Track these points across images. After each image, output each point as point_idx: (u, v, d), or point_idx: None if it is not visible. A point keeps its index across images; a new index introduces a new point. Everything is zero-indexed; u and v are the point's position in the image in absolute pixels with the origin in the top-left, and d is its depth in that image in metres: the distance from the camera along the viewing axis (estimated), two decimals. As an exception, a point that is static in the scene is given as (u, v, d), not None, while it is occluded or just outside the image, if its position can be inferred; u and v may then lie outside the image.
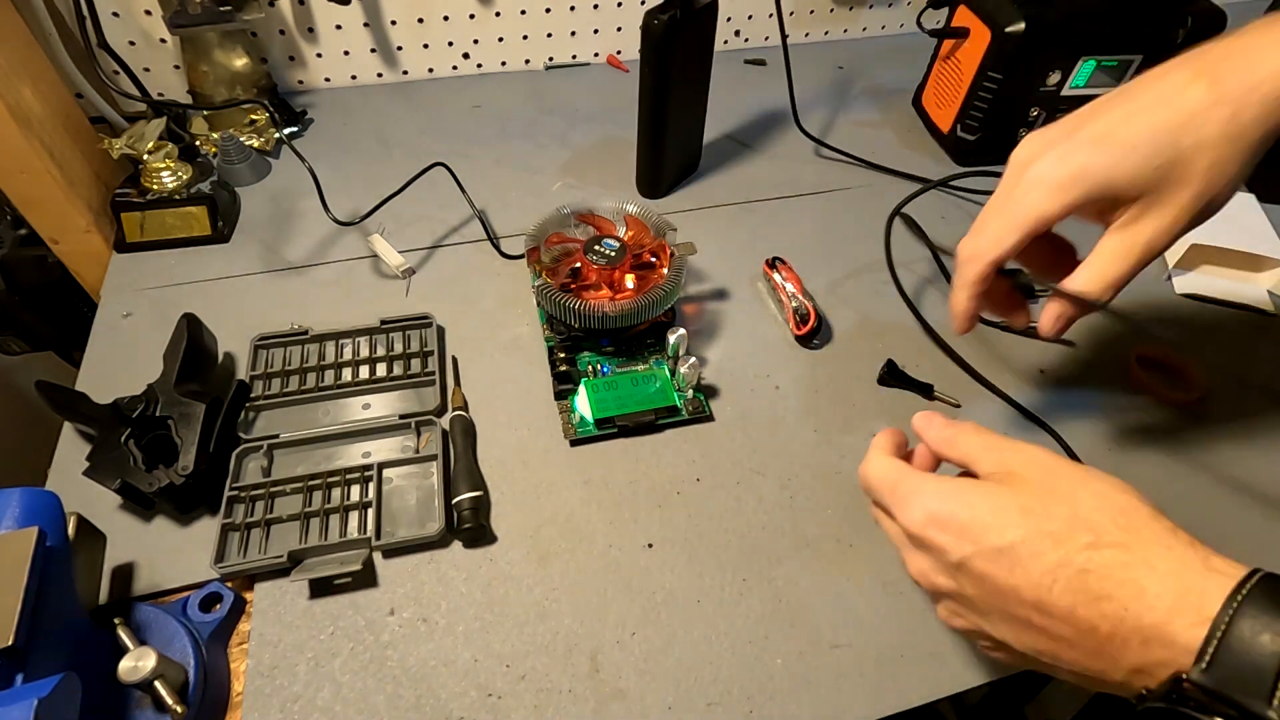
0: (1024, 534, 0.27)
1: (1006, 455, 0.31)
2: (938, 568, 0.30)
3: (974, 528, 0.28)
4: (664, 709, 0.37)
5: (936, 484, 0.31)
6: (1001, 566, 0.27)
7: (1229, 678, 0.23)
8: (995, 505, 0.28)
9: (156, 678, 0.33)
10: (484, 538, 0.43)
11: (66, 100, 0.58)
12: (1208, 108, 0.32)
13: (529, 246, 0.52)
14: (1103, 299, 0.35)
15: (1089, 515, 0.27)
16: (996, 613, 0.29)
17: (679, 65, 0.57)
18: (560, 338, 0.52)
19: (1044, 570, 0.27)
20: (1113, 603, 0.25)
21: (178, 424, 0.43)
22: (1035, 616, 0.27)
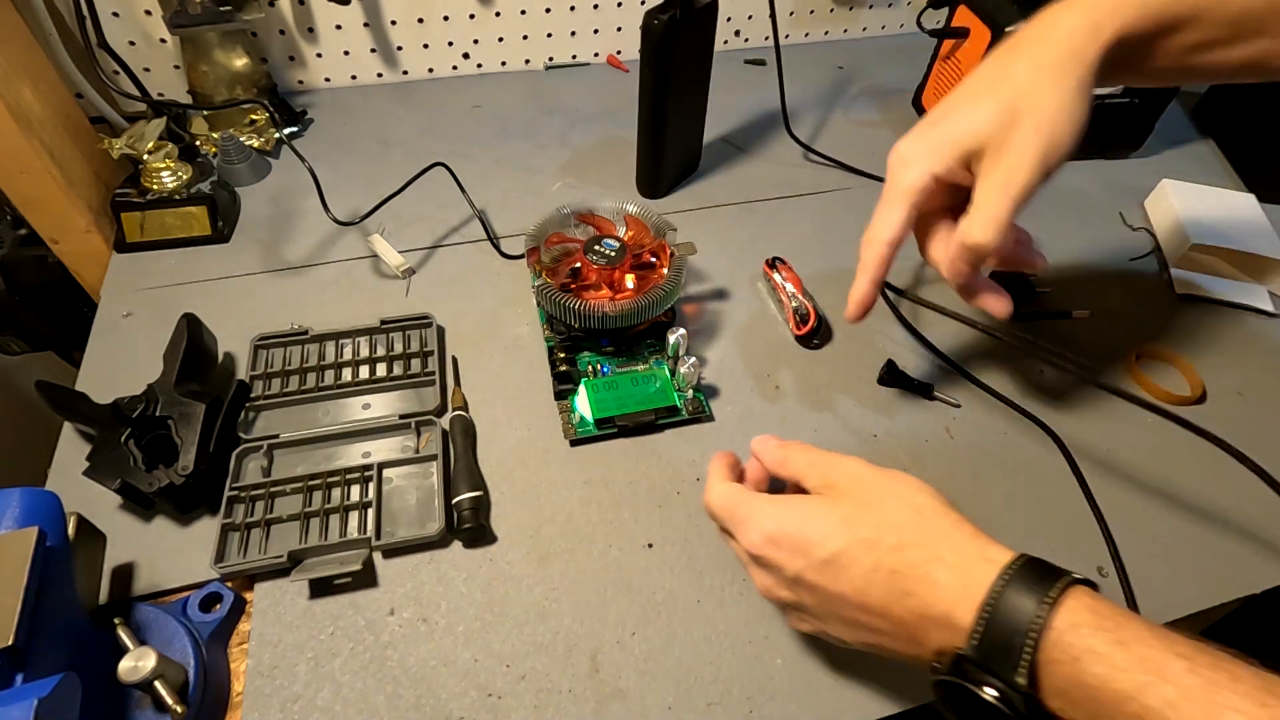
0: (844, 544, 0.31)
1: (828, 470, 0.34)
2: (778, 582, 0.33)
3: (803, 543, 0.32)
4: (664, 709, 0.37)
5: (769, 505, 0.34)
6: (828, 576, 0.31)
7: (992, 652, 0.26)
8: (819, 520, 0.32)
9: (156, 678, 0.33)
10: (484, 538, 0.43)
11: (66, 100, 0.58)
12: (1019, 60, 0.37)
13: (529, 246, 0.52)
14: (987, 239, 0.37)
15: (895, 519, 0.31)
16: (832, 617, 0.32)
17: (679, 65, 0.57)
18: (560, 338, 0.52)
19: (862, 575, 0.30)
20: (914, 598, 0.29)
21: (178, 424, 0.43)
22: (861, 616, 0.31)
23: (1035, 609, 0.26)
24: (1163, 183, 0.66)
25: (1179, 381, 0.54)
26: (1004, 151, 0.36)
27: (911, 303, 0.58)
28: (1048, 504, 0.47)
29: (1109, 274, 0.62)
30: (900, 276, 0.59)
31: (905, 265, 0.60)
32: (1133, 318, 0.58)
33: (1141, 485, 0.48)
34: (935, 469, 0.48)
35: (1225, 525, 0.46)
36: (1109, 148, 0.72)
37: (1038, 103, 0.36)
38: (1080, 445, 0.48)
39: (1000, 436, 0.50)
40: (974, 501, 0.46)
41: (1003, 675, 0.26)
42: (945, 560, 0.29)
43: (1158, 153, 0.74)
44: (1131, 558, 0.44)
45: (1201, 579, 0.44)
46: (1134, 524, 0.46)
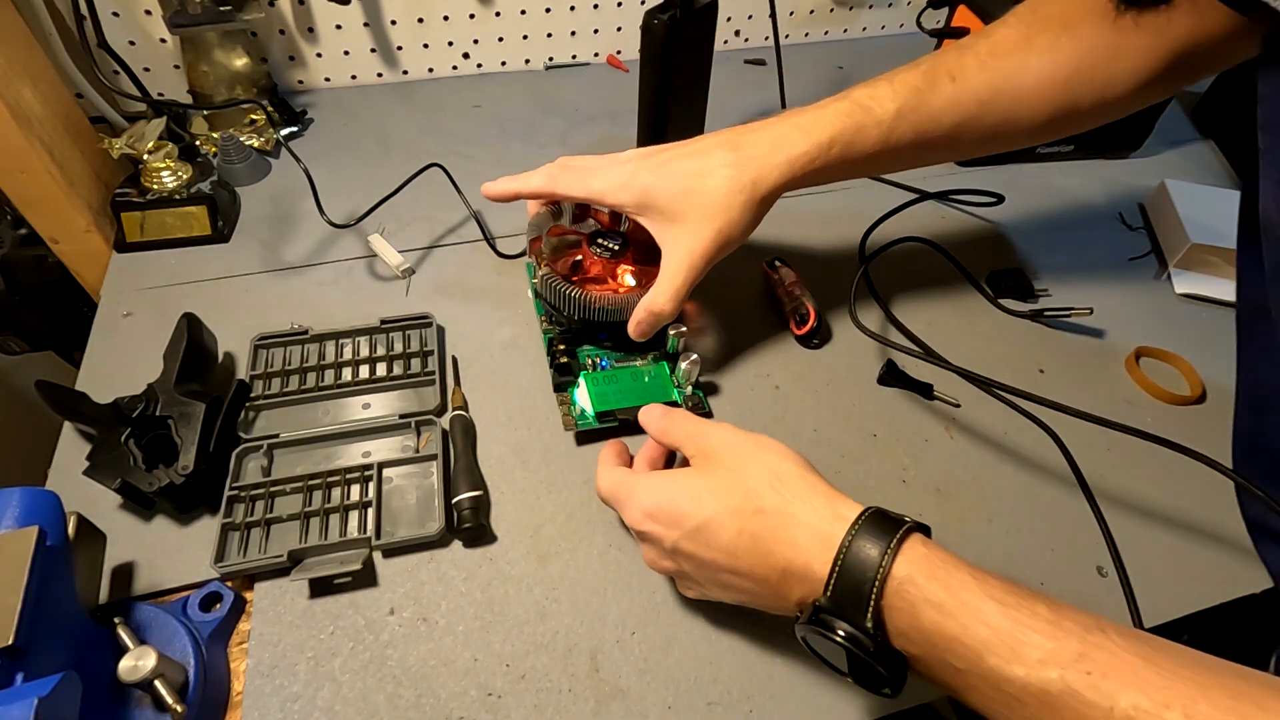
0: (711, 513, 0.33)
1: (701, 440, 0.37)
2: (660, 553, 0.36)
3: (676, 515, 0.34)
4: (664, 709, 0.37)
5: (646, 482, 0.36)
6: (700, 543, 0.34)
7: (844, 600, 0.29)
8: (689, 492, 0.35)
9: (156, 677, 0.33)
10: (484, 537, 0.43)
11: (66, 100, 0.58)
12: (722, 164, 0.44)
13: (531, 236, 0.52)
14: (670, 309, 0.46)
15: (757, 486, 0.33)
16: (709, 581, 0.35)
17: (679, 65, 0.57)
18: (560, 330, 0.52)
19: (729, 540, 0.33)
20: (775, 557, 0.32)
21: (178, 424, 0.43)
22: (733, 578, 0.34)
23: (878, 558, 0.29)
24: (1163, 183, 0.66)
25: (1179, 381, 0.54)
26: (684, 232, 0.44)
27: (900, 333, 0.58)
28: (1048, 504, 0.47)
29: (1109, 274, 0.62)
30: (893, 288, 0.59)
31: (897, 273, 0.60)
32: (1133, 318, 0.58)
33: (1141, 485, 0.48)
34: (935, 469, 0.48)
35: (1225, 525, 0.46)
36: (1109, 148, 0.72)
37: (726, 215, 0.44)
38: (1080, 445, 0.48)
39: (1000, 436, 0.50)
40: (974, 501, 0.46)
41: (853, 621, 0.29)
42: (801, 520, 0.32)
43: (1158, 153, 0.74)
44: (1131, 558, 0.44)
45: (1201, 579, 0.44)
46: (1134, 524, 0.46)
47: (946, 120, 0.46)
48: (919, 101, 0.45)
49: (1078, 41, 0.45)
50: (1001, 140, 0.48)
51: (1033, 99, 0.46)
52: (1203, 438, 0.50)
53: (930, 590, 0.28)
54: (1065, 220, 0.66)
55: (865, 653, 0.29)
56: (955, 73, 0.46)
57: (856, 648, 0.29)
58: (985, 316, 0.58)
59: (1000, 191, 0.64)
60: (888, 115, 0.45)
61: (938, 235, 0.62)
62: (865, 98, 0.45)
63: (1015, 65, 0.46)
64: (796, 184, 0.46)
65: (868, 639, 0.29)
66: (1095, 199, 0.69)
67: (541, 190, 0.48)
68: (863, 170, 0.48)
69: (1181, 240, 0.60)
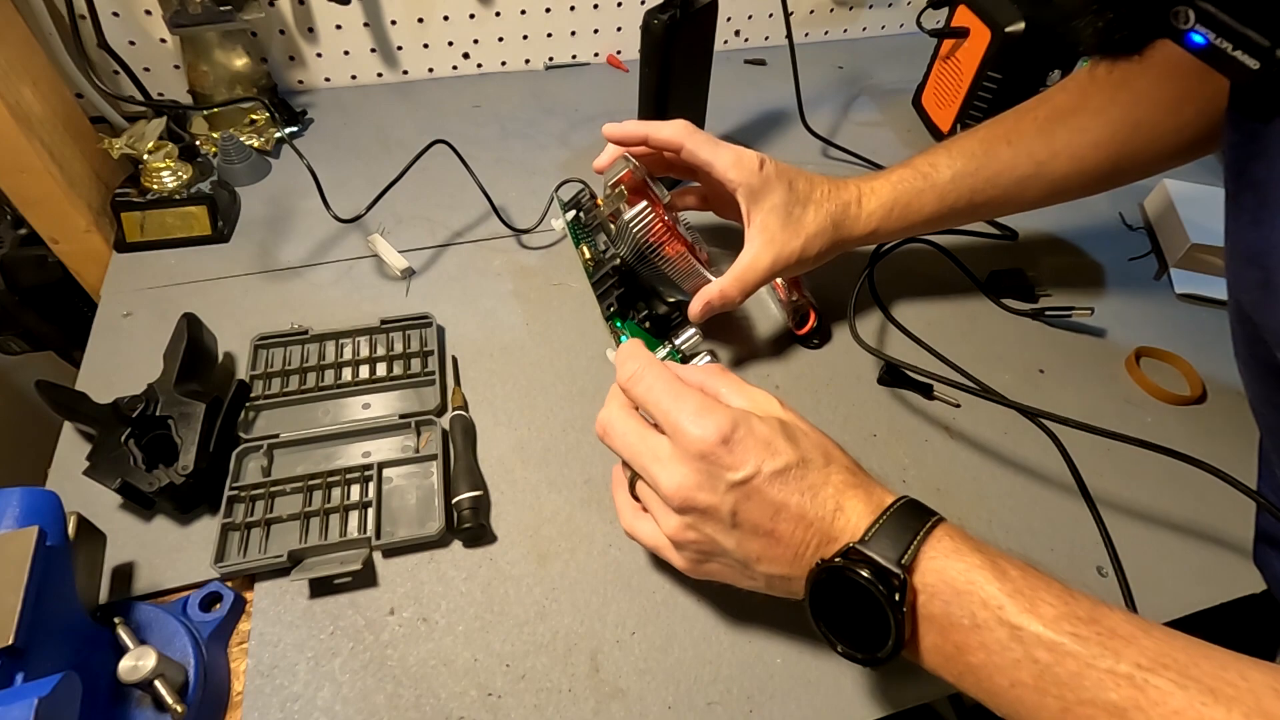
0: (796, 458, 0.33)
1: (756, 396, 0.36)
2: (709, 484, 0.33)
3: (758, 450, 0.32)
4: (664, 708, 0.37)
5: (722, 404, 0.34)
6: (778, 485, 0.32)
7: (882, 541, 0.30)
8: (771, 434, 0.33)
9: (156, 677, 0.33)
10: (484, 537, 0.43)
11: (66, 100, 0.58)
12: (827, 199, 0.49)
13: (629, 168, 0.49)
14: (737, 298, 0.48)
15: (830, 449, 0.34)
16: (745, 526, 0.33)
17: (679, 65, 0.57)
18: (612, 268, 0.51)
19: (808, 487, 0.32)
20: (843, 514, 0.32)
21: (178, 424, 0.43)
22: (783, 527, 0.32)
23: (925, 516, 0.31)
24: (1163, 182, 0.66)
25: (1179, 381, 0.54)
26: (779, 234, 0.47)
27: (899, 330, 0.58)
28: (1047, 504, 0.47)
29: (1109, 274, 0.62)
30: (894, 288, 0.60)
31: (898, 273, 0.60)
32: (1133, 318, 0.58)
33: (1141, 485, 0.48)
34: (935, 469, 0.48)
35: (1225, 526, 0.46)
36: (1109, 148, 0.72)
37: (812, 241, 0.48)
38: (1080, 445, 0.48)
39: (1000, 436, 0.50)
40: (974, 501, 0.46)
41: (885, 557, 0.30)
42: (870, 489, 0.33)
43: (1158, 153, 0.74)
44: (1131, 558, 0.44)
45: (1201, 579, 0.44)
46: (1133, 524, 0.46)
47: (1004, 181, 0.50)
48: (975, 166, 0.50)
49: (1135, 96, 0.47)
50: (1059, 196, 0.52)
51: (1090, 154, 0.49)
52: (1203, 438, 0.50)
53: (965, 545, 0.30)
54: (1065, 220, 0.66)
55: (885, 595, 0.29)
56: (1012, 136, 0.50)
57: (879, 586, 0.29)
58: (986, 316, 0.58)
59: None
60: (943, 180, 0.50)
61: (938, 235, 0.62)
62: (924, 164, 0.51)
63: (1072, 125, 0.49)
64: (856, 243, 0.51)
65: (896, 573, 0.29)
66: (1095, 199, 0.68)
67: (673, 140, 0.48)
68: (922, 229, 0.52)
69: (1181, 240, 0.60)
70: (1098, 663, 0.26)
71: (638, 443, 0.35)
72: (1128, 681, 0.26)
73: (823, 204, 0.48)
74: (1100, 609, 0.28)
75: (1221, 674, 0.25)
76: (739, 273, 0.47)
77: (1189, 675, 0.26)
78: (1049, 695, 0.27)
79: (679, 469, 0.33)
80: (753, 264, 0.47)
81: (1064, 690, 0.27)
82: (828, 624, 0.32)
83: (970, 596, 0.29)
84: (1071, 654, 0.27)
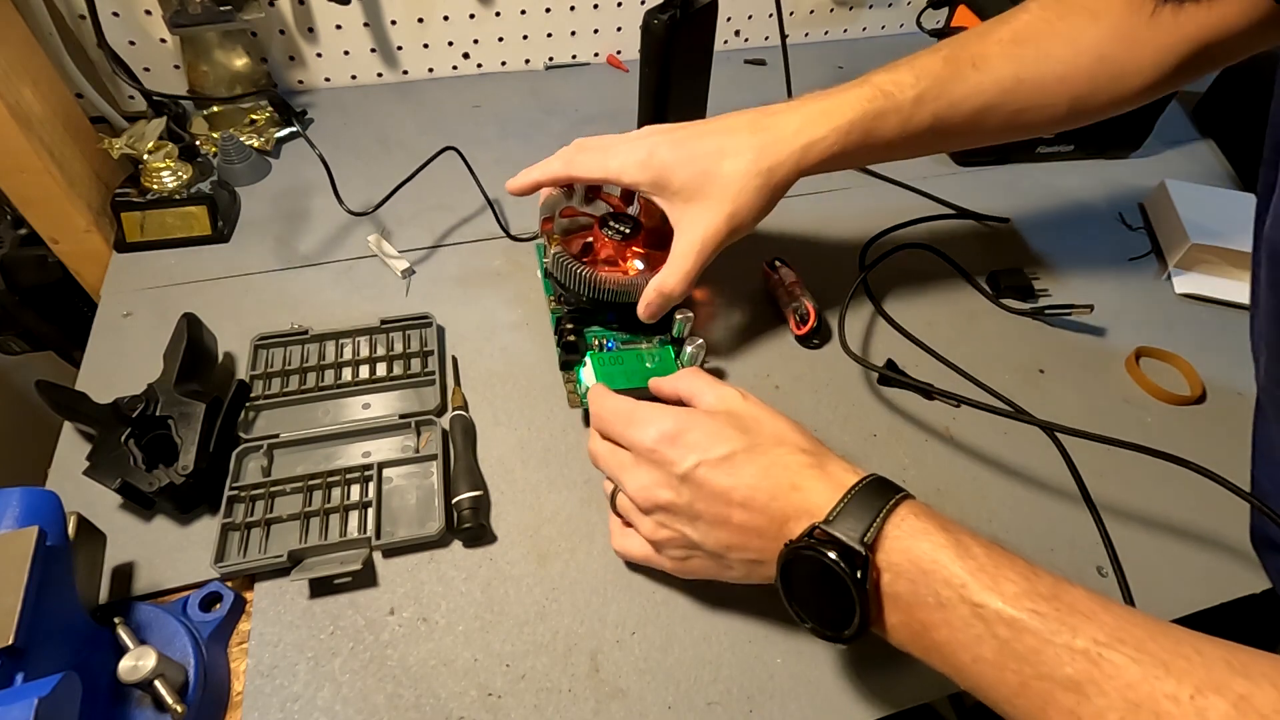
0: (742, 445, 0.34)
1: (723, 392, 0.38)
2: (663, 480, 0.35)
3: (701, 442, 0.35)
4: (664, 708, 0.37)
5: (671, 409, 0.37)
6: (722, 472, 0.34)
7: (846, 520, 0.31)
8: (716, 427, 0.35)
9: (156, 677, 0.33)
10: (484, 537, 0.43)
11: (66, 100, 0.58)
12: (742, 147, 0.44)
13: (543, 217, 0.52)
14: (680, 290, 0.46)
15: (785, 433, 0.35)
16: (705, 516, 0.35)
17: (679, 65, 0.57)
18: (568, 309, 0.52)
19: (756, 471, 0.34)
20: (800, 492, 0.33)
21: (178, 424, 0.43)
22: (738, 513, 0.34)
23: (890, 495, 0.32)
24: (1163, 182, 0.66)
25: (1179, 381, 0.54)
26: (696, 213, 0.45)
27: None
28: (1047, 504, 0.47)
29: (1109, 274, 0.62)
30: (893, 289, 0.60)
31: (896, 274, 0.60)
32: (1133, 318, 0.58)
33: (1140, 485, 0.48)
34: (935, 469, 0.48)
35: (1224, 525, 0.46)
36: (1109, 148, 0.72)
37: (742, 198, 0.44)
38: (1079, 445, 0.48)
39: (1000, 436, 0.50)
40: (974, 501, 0.46)
41: (849, 536, 0.30)
42: (827, 469, 0.34)
43: (1158, 153, 0.74)
44: (1130, 558, 0.44)
45: (1200, 579, 0.44)
46: (1133, 524, 0.46)
47: (967, 107, 0.45)
48: (940, 89, 0.45)
49: (1102, 30, 0.45)
50: (1020, 129, 0.48)
51: (1055, 87, 0.46)
52: (1202, 438, 0.50)
53: (930, 524, 0.31)
54: (1065, 220, 0.66)
55: (848, 574, 0.29)
56: (978, 60, 0.45)
57: (844, 565, 0.29)
58: (986, 316, 0.58)
59: (1000, 191, 0.64)
60: (907, 101, 0.44)
61: (938, 234, 0.62)
62: (887, 83, 0.45)
63: (1039, 53, 0.45)
64: (813, 170, 0.45)
65: (860, 552, 0.30)
66: (1095, 199, 0.69)
67: (559, 176, 0.48)
68: (880, 156, 0.47)
69: (1181, 240, 0.60)
70: (1055, 638, 0.27)
71: (610, 458, 0.39)
72: (1084, 656, 0.26)
73: (742, 156, 0.44)
74: (1061, 585, 0.29)
75: (1176, 648, 0.26)
76: (674, 263, 0.46)
77: (1144, 650, 0.26)
78: (1008, 670, 0.28)
79: (638, 472, 0.37)
80: (685, 251, 0.45)
81: (1022, 665, 0.27)
82: (802, 603, 0.33)
83: (934, 576, 0.29)
84: (1030, 630, 0.27)
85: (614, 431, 0.38)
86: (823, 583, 0.31)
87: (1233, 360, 0.55)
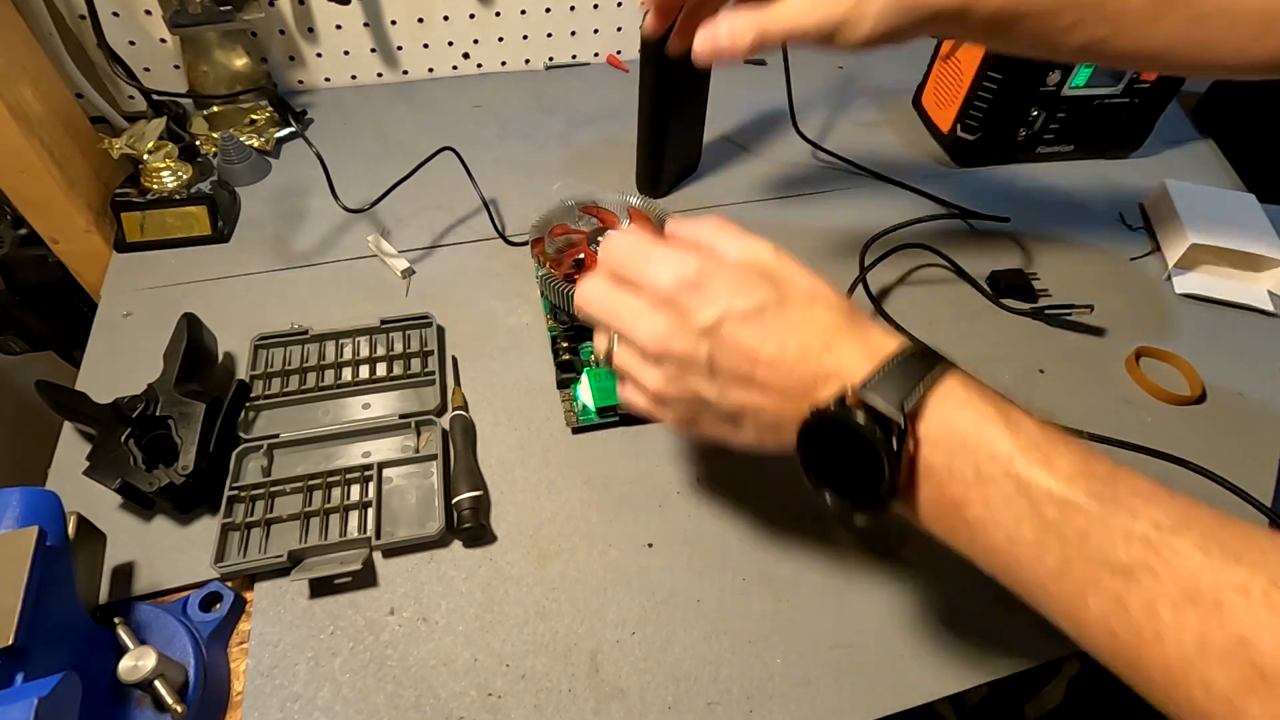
0: (772, 299, 0.31)
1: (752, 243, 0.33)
2: (679, 329, 0.32)
3: (726, 292, 0.31)
4: (664, 709, 0.37)
5: (689, 253, 0.33)
6: (749, 326, 0.31)
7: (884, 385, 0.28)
8: (744, 277, 0.32)
9: (156, 677, 0.33)
10: (484, 537, 0.43)
11: (66, 100, 0.58)
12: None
13: (533, 237, 0.52)
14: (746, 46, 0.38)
15: (821, 290, 0.32)
16: (724, 373, 0.31)
17: (679, 65, 0.57)
18: (563, 327, 0.52)
19: (786, 328, 0.31)
20: (833, 354, 0.30)
21: (178, 424, 0.43)
22: (762, 372, 0.31)
23: (933, 362, 0.29)
24: (1163, 182, 0.66)
25: (1179, 381, 0.54)
26: None
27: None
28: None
29: (1109, 274, 0.62)
30: (893, 289, 0.60)
31: (897, 274, 0.60)
32: (1133, 318, 0.58)
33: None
34: (935, 469, 0.48)
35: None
36: (1109, 148, 0.72)
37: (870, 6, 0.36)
38: (1080, 445, 0.48)
39: (1000, 436, 0.50)
40: (974, 501, 0.46)
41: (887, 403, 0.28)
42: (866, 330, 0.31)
43: (1158, 153, 0.74)
44: (1131, 557, 0.44)
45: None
46: (1134, 524, 0.46)
47: None
48: None
49: None
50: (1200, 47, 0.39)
51: None
52: (1202, 438, 0.50)
53: (976, 394, 0.28)
54: (1065, 220, 0.66)
55: (882, 441, 0.27)
56: None
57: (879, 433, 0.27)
58: (986, 316, 0.58)
59: (1000, 191, 0.64)
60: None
61: (938, 234, 0.62)
62: None
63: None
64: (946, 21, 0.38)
65: (897, 421, 0.27)
66: (1095, 199, 0.69)
67: None
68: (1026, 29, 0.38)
69: (1181, 240, 0.60)
70: (1111, 520, 0.24)
71: (613, 302, 0.34)
72: (1141, 541, 0.24)
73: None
74: (1122, 470, 0.26)
75: (1250, 539, 0.23)
76: (762, 17, 0.38)
77: (1211, 538, 0.23)
78: (1049, 552, 0.25)
79: (651, 318, 0.33)
80: (781, 11, 0.37)
81: (1066, 547, 0.25)
82: (819, 472, 0.30)
83: (978, 449, 0.27)
84: (1083, 510, 0.25)
85: (627, 269, 0.34)
86: (849, 452, 0.28)
87: (1233, 360, 0.55)
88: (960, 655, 0.40)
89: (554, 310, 0.53)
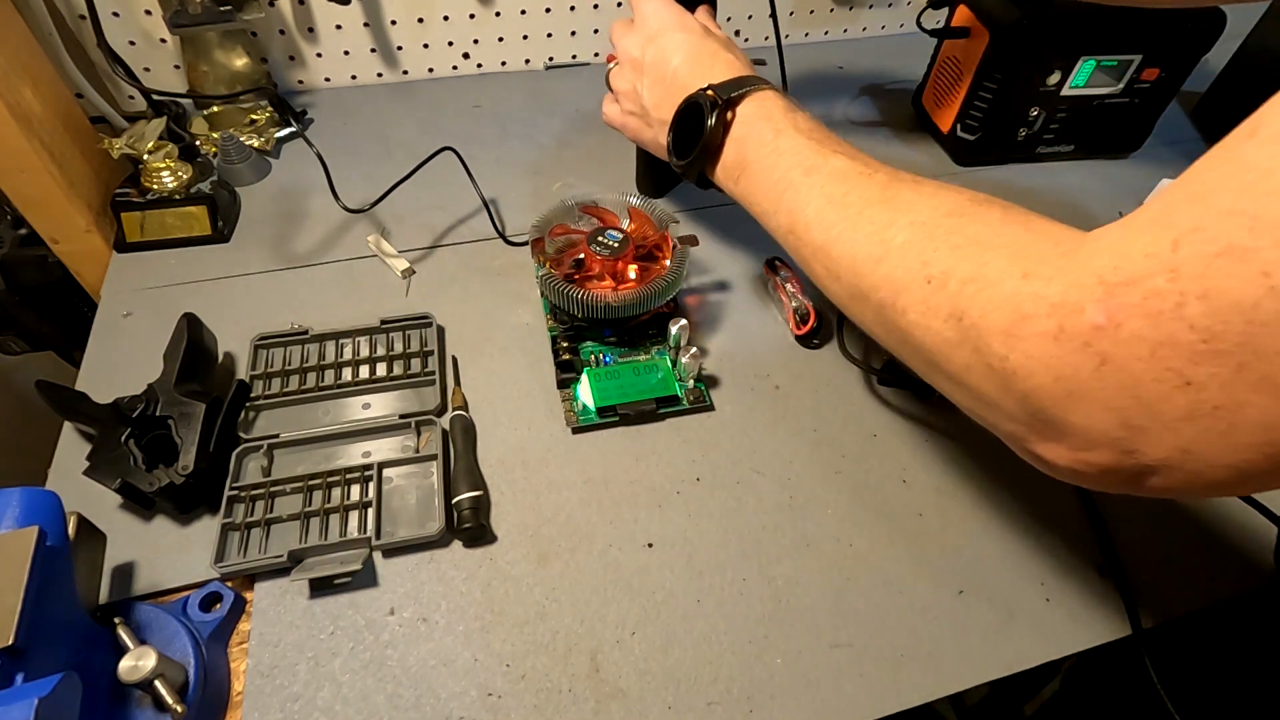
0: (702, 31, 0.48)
1: None
2: (636, 42, 0.49)
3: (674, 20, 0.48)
4: (664, 709, 0.37)
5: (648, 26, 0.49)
6: (676, 39, 0.47)
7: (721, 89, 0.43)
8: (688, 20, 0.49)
9: (156, 677, 0.33)
10: (484, 537, 0.43)
11: (66, 100, 0.58)
12: None
13: (533, 237, 0.52)
14: None
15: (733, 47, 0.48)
16: (651, 72, 0.48)
17: (679, 65, 0.57)
18: (563, 328, 0.52)
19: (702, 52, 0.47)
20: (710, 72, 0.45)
21: (178, 424, 0.43)
22: (669, 74, 0.47)
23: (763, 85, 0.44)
24: (1163, 182, 0.66)
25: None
26: None
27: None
28: (1047, 504, 0.47)
29: (1109, 274, 0.62)
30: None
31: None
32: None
33: (1141, 485, 0.48)
34: (935, 469, 0.48)
35: (1225, 525, 0.46)
36: (1109, 148, 0.72)
37: None
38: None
39: (1000, 436, 0.50)
40: (974, 501, 0.46)
41: (724, 91, 0.43)
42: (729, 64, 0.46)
43: (1158, 153, 0.74)
44: (1131, 558, 0.44)
45: (1201, 579, 0.44)
46: (1134, 524, 0.46)
47: None
48: None
49: None
50: None
51: None
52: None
53: (784, 103, 0.43)
54: (1065, 220, 0.65)
55: (709, 107, 0.42)
56: None
57: (710, 106, 0.42)
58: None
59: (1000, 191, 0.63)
60: None
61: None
62: None
63: None
64: None
65: (723, 98, 0.42)
66: (1095, 199, 0.69)
67: None
68: None
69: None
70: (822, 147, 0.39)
71: (621, 31, 0.52)
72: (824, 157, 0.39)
73: None
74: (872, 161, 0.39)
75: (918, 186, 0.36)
76: None
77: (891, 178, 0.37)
78: (776, 170, 0.40)
79: (628, 37, 0.50)
80: None
81: (789, 169, 0.39)
82: (676, 143, 0.46)
83: (767, 124, 0.41)
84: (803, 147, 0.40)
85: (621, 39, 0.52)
86: (693, 122, 0.43)
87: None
88: (960, 655, 0.40)
89: (554, 310, 0.53)
